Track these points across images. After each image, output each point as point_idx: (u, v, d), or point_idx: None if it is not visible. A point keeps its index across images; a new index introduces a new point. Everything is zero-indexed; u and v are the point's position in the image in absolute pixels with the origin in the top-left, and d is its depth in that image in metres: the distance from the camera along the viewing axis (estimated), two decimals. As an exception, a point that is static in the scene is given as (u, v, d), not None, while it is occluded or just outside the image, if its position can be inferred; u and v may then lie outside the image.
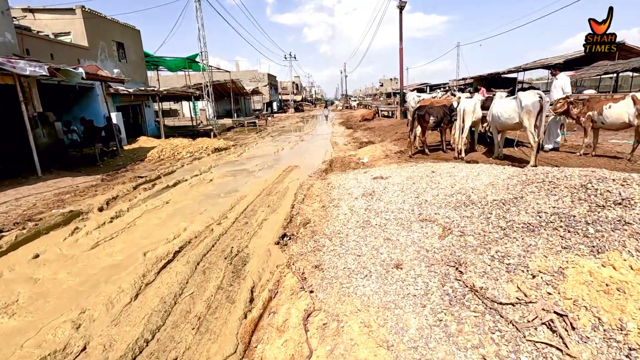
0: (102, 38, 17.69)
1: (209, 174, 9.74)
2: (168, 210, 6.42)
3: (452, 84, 55.60)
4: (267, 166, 10.54)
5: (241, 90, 35.00)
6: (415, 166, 7.06)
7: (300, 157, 11.90)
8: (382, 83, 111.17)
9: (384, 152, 10.47)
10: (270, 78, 55.80)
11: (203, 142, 15.77)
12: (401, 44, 19.32)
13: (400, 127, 16.39)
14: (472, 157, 7.95)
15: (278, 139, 18.15)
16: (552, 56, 33.72)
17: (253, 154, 13.45)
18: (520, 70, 32.70)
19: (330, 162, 9.95)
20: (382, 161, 9.11)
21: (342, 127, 22.91)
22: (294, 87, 78.55)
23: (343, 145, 13.90)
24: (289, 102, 62.85)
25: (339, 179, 6.94)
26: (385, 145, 11.78)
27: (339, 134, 18.48)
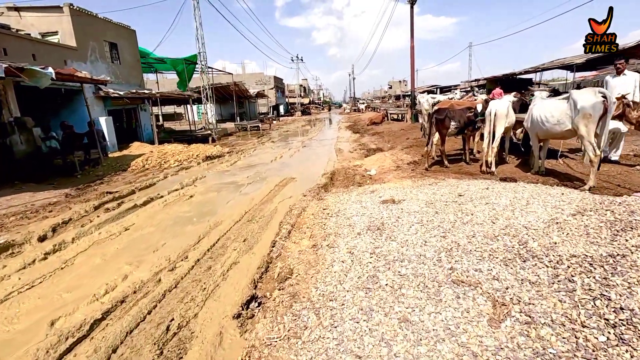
0: (93, 38, 16.62)
1: (191, 189, 8.41)
2: (121, 242, 5.08)
3: (463, 86, 53.83)
4: (259, 178, 9.18)
5: (245, 93, 33.88)
6: (435, 185, 5.61)
7: (298, 167, 10.51)
8: (391, 85, 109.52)
9: (394, 163, 9.02)
10: (277, 81, 54.76)
11: (197, 148, 14.52)
12: (412, 42, 17.88)
13: (411, 132, 14.91)
14: (504, 172, 6.45)
15: (279, 145, 16.81)
16: (571, 55, 31.87)
17: (248, 162, 12.12)
18: (538, 70, 30.80)
19: (331, 175, 8.54)
20: (392, 174, 7.66)
21: (348, 132, 21.49)
22: (302, 90, 77.48)
23: (348, 153, 12.48)
24: (296, 105, 61.73)
25: (339, 200, 5.53)
26: (396, 153, 10.31)
27: (345, 140, 17.06)
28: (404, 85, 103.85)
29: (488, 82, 41.90)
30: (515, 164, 7.16)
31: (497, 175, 6.24)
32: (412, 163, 8.46)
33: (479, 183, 5.41)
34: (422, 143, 11.35)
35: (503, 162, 7.36)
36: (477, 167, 7.28)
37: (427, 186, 5.58)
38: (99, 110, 16.49)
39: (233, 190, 7.95)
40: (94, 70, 16.39)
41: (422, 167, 7.98)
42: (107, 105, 17.02)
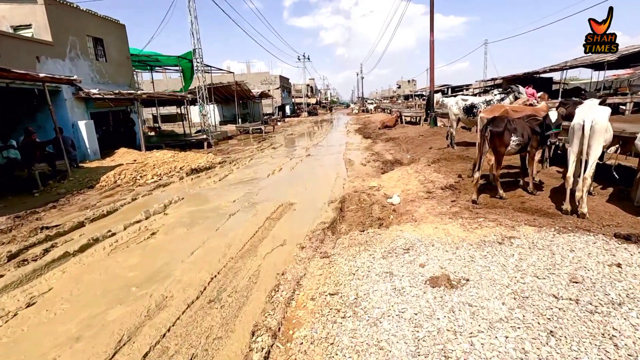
0: (73, 32, 14.80)
1: (158, 219, 6.46)
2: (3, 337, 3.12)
3: (478, 85, 51.21)
4: (249, 204, 7.18)
5: (247, 93, 32.01)
6: (507, 241, 3.55)
7: (299, 186, 8.49)
8: (400, 85, 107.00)
9: (422, 185, 6.95)
10: (283, 80, 52.89)
11: (185, 158, 12.61)
12: (432, 36, 15.74)
13: (433, 139, 12.79)
14: (602, 215, 4.35)
15: (280, 152, 14.82)
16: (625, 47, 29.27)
17: (240, 177, 10.14)
18: (565, 68, 28.51)
19: (340, 203, 6.50)
20: (424, 206, 5.59)
21: (358, 136, 19.41)
22: (308, 89, 75.50)
23: (360, 166, 10.42)
24: (302, 105, 59.80)
25: (355, 266, 3.49)
26: (422, 170, 8.23)
27: (355, 146, 15.00)
28: (413, 85, 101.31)
29: (505, 81, 39.57)
30: (605, 198, 5.04)
31: (594, 222, 4.13)
32: (448, 188, 6.37)
33: (585, 242, 3.33)
34: (450, 155, 9.26)
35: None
36: (545, 200, 5.18)
37: (494, 245, 3.52)
38: (79, 113, 14.69)
39: (210, 225, 5.96)
40: (74, 68, 14.62)
41: (464, 194, 5.90)
42: (90, 108, 15.20)
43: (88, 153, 14.12)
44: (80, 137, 14.12)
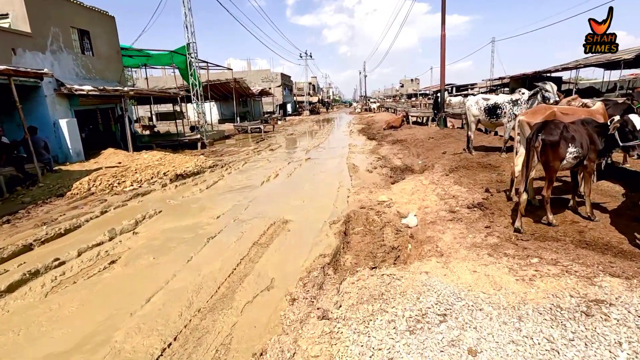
0: (56, 23, 13.67)
1: (125, 240, 5.33)
2: None
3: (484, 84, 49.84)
4: (235, 221, 6.03)
5: (247, 91, 30.87)
6: (604, 316, 2.37)
7: (296, 197, 7.33)
8: (403, 84, 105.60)
9: (441, 200, 5.79)
10: (284, 78, 51.71)
11: (172, 161, 11.50)
12: (443, 30, 14.54)
13: (445, 142, 11.60)
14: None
15: (277, 155, 13.66)
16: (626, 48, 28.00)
17: (230, 184, 9.00)
18: (579, 67, 27.17)
19: (345, 223, 5.35)
20: (449, 232, 4.45)
21: (362, 137, 18.23)
22: (310, 88, 74.21)
23: (366, 173, 9.26)
24: (304, 104, 58.59)
25: (367, 351, 2.34)
26: (439, 181, 7.07)
27: (359, 149, 13.82)
28: (416, 84, 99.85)
29: (512, 80, 38.24)
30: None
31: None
32: (476, 207, 5.19)
33: None
34: (470, 162, 8.09)
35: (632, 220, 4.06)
36: (609, 229, 4.01)
37: (577, 316, 2.36)
38: (62, 110, 13.60)
39: (182, 253, 4.81)
40: (57, 62, 13.50)
41: (498, 216, 4.72)
42: (74, 105, 14.09)
43: (70, 154, 13.02)
44: (61, 137, 13.03)
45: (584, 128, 4.00)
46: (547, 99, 7.44)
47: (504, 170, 7.22)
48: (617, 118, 3.78)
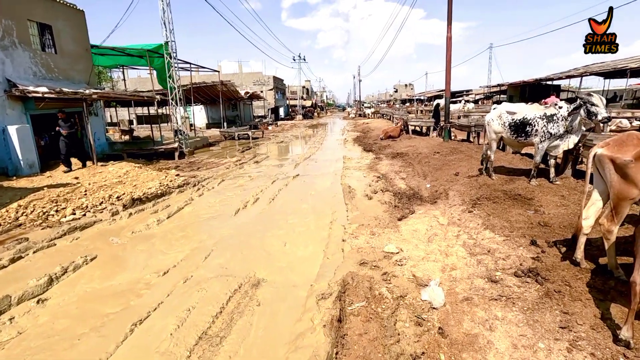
0: (7, 14, 11.87)
1: (24, 315, 3.64)
2: None
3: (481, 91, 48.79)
4: (187, 281, 4.33)
5: (235, 94, 29.16)
6: None
7: (275, 240, 5.66)
8: (397, 89, 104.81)
9: (472, 256, 4.19)
10: (277, 81, 50.15)
11: (136, 177, 9.80)
12: (449, 32, 13.06)
13: (454, 160, 10.03)
14: None
15: (262, 170, 11.98)
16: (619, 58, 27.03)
17: (198, 212, 7.30)
18: (585, 75, 26.02)
19: (338, 300, 3.71)
20: (501, 328, 2.86)
21: (357, 148, 16.65)
22: (304, 91, 72.72)
23: (364, 200, 7.63)
24: (297, 108, 57.03)
25: None
26: (460, 217, 5.48)
27: (355, 164, 12.21)
28: (411, 89, 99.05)
29: (511, 88, 37.11)
30: None
31: None
32: (529, 275, 3.59)
33: None
34: (493, 190, 6.53)
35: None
36: None
37: None
38: (15, 115, 11.83)
39: (89, 351, 3.13)
40: (8, 60, 11.69)
41: (569, 299, 3.12)
42: (30, 109, 12.31)
43: (21, 166, 11.20)
44: (11, 146, 11.23)
45: None
46: (594, 115, 5.90)
47: (542, 205, 5.65)
48: None
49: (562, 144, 6.47)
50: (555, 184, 6.63)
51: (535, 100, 19.99)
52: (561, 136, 6.40)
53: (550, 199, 5.92)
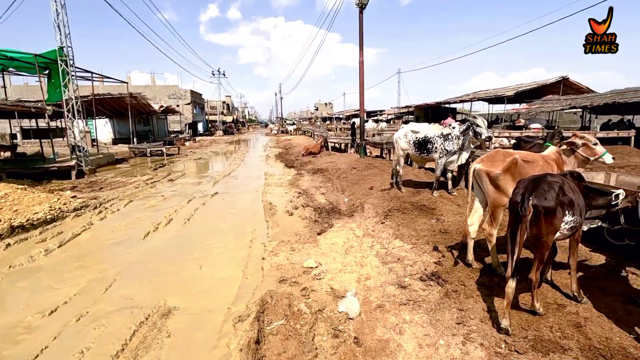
0: None
1: None
2: None
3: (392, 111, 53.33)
4: (81, 319, 3.77)
5: (146, 107, 27.07)
6: None
7: (190, 264, 5.31)
8: (317, 107, 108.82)
9: (384, 265, 4.48)
10: (195, 95, 48.03)
11: (19, 200, 8.37)
12: (361, 56, 14.12)
13: (369, 175, 10.72)
14: None
15: (177, 188, 11.22)
16: (500, 87, 32.26)
17: (99, 238, 6.48)
18: (474, 100, 30.37)
19: (257, 320, 3.59)
20: (409, 331, 3.09)
21: (279, 165, 16.72)
22: (224, 107, 70.87)
23: (285, 216, 7.65)
24: (217, 123, 55.19)
25: None
26: (373, 229, 5.84)
27: (277, 180, 12.22)
28: (330, 108, 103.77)
29: (417, 109, 41.39)
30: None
31: None
32: (432, 278, 3.97)
33: None
34: (403, 202, 7.14)
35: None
36: (607, 315, 3.07)
37: None
38: None
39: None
40: None
41: (464, 297, 3.53)
42: None
43: None
44: None
45: (577, 185, 3.05)
46: (479, 135, 6.90)
47: (442, 214, 6.34)
48: (623, 193, 2.93)
49: (457, 159, 7.39)
50: (453, 194, 7.52)
51: (437, 121, 22.60)
52: (455, 152, 7.32)
53: (449, 208, 6.68)
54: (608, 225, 3.83)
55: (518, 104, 30.61)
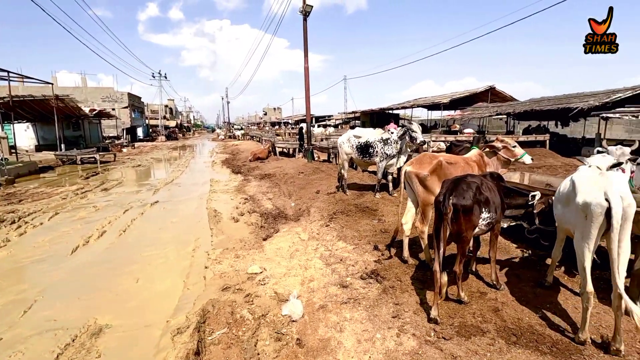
0: None
1: None
2: None
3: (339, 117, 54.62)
4: (-6, 348, 3.41)
5: (75, 110, 24.85)
6: None
7: (125, 278, 4.99)
8: (266, 112, 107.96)
9: (328, 266, 4.61)
10: (133, 98, 45.08)
11: None
12: (306, 62, 14.36)
13: (316, 179, 10.90)
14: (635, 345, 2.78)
15: (112, 198, 10.44)
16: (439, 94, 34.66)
17: (16, 256, 5.80)
18: (415, 106, 32.25)
19: (196, 331, 3.49)
20: (349, 328, 3.23)
21: (226, 171, 16.30)
22: (167, 111, 67.36)
23: (231, 223, 7.50)
24: (159, 128, 52.24)
25: None
26: (318, 232, 5.96)
27: (222, 187, 11.91)
28: (279, 113, 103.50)
29: (363, 114, 42.93)
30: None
31: None
32: (372, 276, 4.16)
33: None
34: (347, 205, 7.37)
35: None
36: (520, 301, 3.47)
37: None
38: None
39: None
40: None
41: (400, 291, 3.76)
42: None
43: None
44: None
45: (496, 184, 3.42)
46: (415, 139, 7.37)
47: (383, 215, 6.67)
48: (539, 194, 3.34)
49: (396, 162, 7.81)
50: (393, 195, 7.93)
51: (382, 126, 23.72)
52: (395, 156, 7.74)
53: (389, 208, 7.03)
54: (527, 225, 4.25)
55: (453, 110, 33.11)
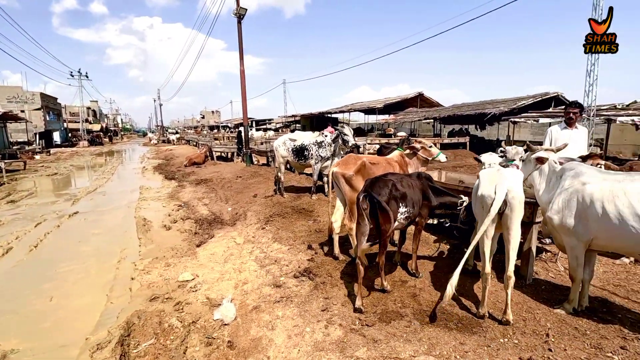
0: None
1: None
2: None
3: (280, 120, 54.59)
4: None
5: (-27, 113, 21.55)
6: None
7: (35, 298, 4.51)
8: (204, 115, 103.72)
9: (262, 268, 4.65)
10: (47, 99, 40.41)
11: None
12: (242, 65, 14.19)
13: (254, 183, 10.84)
14: (521, 314, 3.24)
15: (21, 210, 9.27)
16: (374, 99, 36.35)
17: None
18: (352, 110, 33.48)
19: (120, 344, 3.31)
20: (280, 325, 3.31)
21: (158, 177, 15.38)
22: (90, 113, 61.30)
23: (162, 231, 7.14)
24: (80, 132, 47.37)
25: None
26: (254, 235, 5.96)
27: (154, 194, 11.24)
28: (217, 116, 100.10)
29: (303, 118, 43.46)
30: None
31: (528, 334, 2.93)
32: (304, 274, 4.30)
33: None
34: (284, 208, 7.48)
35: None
36: (436, 287, 3.86)
37: None
38: None
39: None
40: None
41: (331, 286, 3.95)
42: None
43: None
44: None
45: (419, 183, 3.76)
46: (347, 142, 7.71)
47: (319, 215, 6.89)
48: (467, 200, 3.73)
49: (330, 164, 8.09)
50: (329, 196, 8.20)
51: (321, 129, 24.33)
52: (329, 158, 8.01)
53: (325, 209, 7.25)
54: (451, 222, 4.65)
55: (387, 114, 35.05)
